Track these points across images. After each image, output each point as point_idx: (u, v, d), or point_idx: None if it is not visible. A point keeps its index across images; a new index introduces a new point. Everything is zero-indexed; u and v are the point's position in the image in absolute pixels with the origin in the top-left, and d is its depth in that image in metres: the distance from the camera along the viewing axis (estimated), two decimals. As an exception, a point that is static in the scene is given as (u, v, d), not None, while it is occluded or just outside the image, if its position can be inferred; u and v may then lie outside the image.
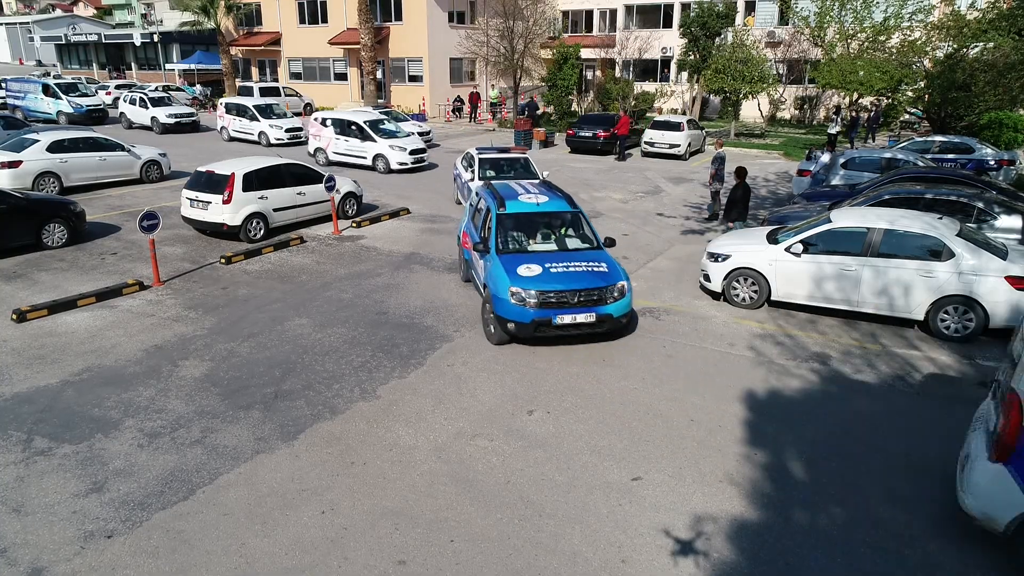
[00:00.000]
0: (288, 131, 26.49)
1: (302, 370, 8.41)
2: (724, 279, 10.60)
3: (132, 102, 30.62)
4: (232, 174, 13.14)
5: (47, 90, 30.87)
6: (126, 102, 30.96)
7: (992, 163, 18.26)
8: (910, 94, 27.06)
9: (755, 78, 28.92)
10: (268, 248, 13.23)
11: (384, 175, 21.13)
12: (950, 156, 18.56)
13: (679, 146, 25.37)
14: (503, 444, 6.91)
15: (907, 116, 31.83)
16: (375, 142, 21.59)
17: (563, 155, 26.31)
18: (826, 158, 18.07)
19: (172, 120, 29.59)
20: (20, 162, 16.06)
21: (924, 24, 26.83)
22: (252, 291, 11.13)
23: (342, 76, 40.41)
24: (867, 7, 28.15)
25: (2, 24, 73.10)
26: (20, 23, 72.02)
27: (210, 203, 13.10)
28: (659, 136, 25.61)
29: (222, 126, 27.64)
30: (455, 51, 37.48)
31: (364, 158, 21.80)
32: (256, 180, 13.49)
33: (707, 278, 10.84)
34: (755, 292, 10.44)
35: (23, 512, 5.81)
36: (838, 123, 26.78)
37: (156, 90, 33.23)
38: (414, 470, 6.48)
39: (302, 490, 6.16)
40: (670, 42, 39.36)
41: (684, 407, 7.64)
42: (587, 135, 25.95)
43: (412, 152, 21.67)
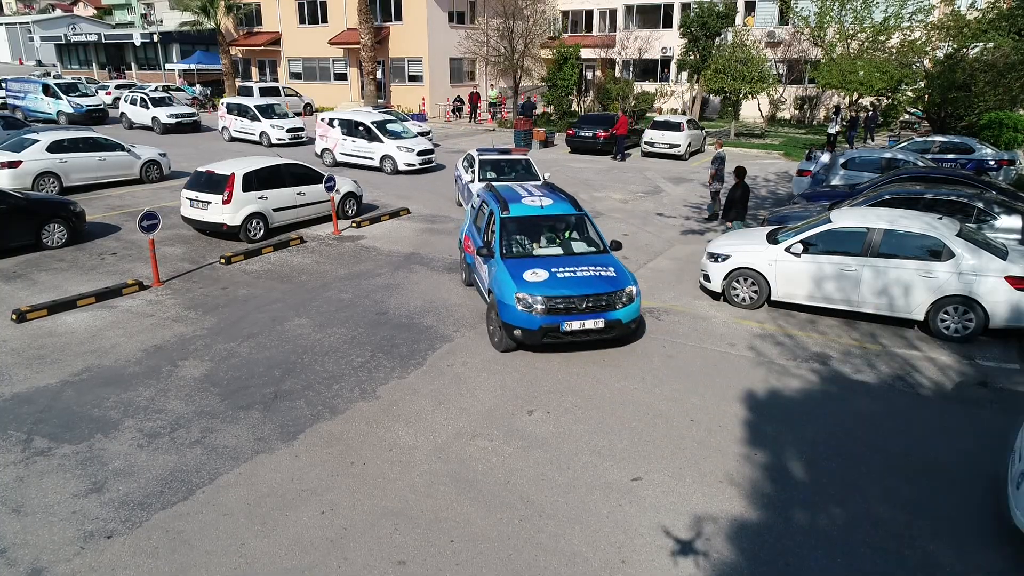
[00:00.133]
0: (289, 131, 26.43)
1: (302, 370, 8.41)
2: (724, 279, 10.60)
3: (133, 102, 30.51)
4: (232, 174, 13.14)
5: (47, 90, 30.79)
6: (127, 102, 30.84)
7: (992, 163, 18.26)
8: (910, 94, 27.09)
9: (755, 78, 28.92)
10: (268, 248, 13.24)
11: (387, 176, 21.02)
12: (950, 156, 18.56)
13: (679, 146, 25.37)
14: (503, 444, 6.90)
15: (907, 116, 31.83)
16: (382, 143, 21.31)
17: (563, 155, 26.31)
18: (826, 158, 18.09)
19: (173, 120, 29.50)
20: (20, 162, 16.06)
21: (924, 24, 26.85)
22: (252, 291, 11.13)
23: (342, 76, 40.41)
24: (867, 7, 28.17)
25: (2, 24, 73.09)
26: (20, 23, 72.02)
27: (210, 203, 13.10)
28: (659, 136, 25.61)
29: (223, 126, 27.59)
30: (455, 51, 37.49)
31: (371, 159, 21.54)
32: (256, 180, 13.49)
33: (707, 278, 10.84)
34: (755, 292, 10.44)
35: (23, 512, 5.81)
36: (837, 123, 26.78)
37: (156, 90, 33.13)
38: (414, 470, 6.48)
39: (302, 490, 6.16)
40: (670, 42, 39.38)
41: (684, 407, 7.65)
42: (587, 135, 25.96)
43: (420, 153, 21.38)
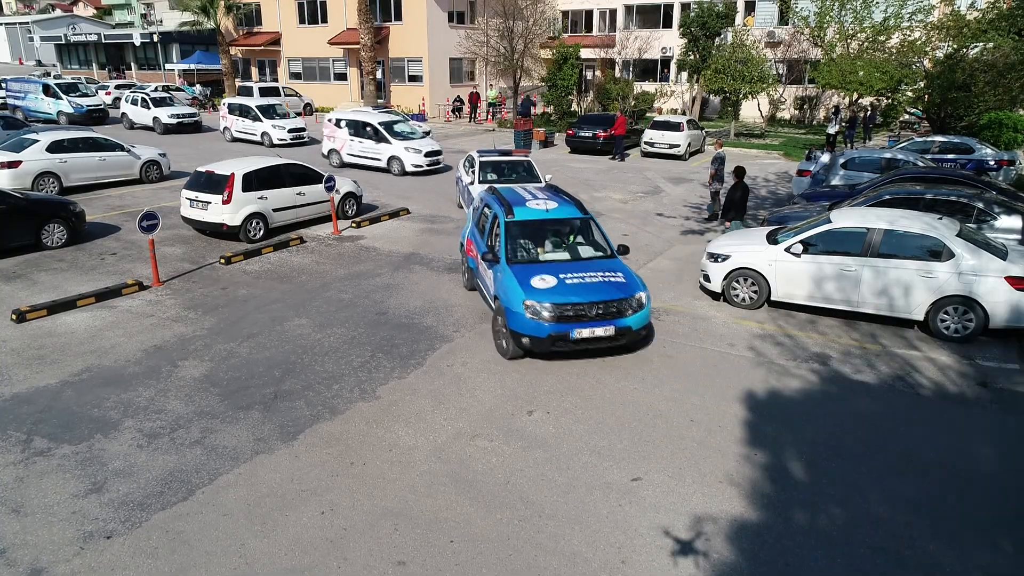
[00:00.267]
0: (291, 131, 26.36)
1: (302, 370, 8.41)
2: (724, 279, 10.60)
3: (134, 102, 30.39)
4: (232, 174, 13.14)
5: (47, 90, 30.75)
6: (128, 102, 30.72)
7: (992, 163, 18.26)
8: (910, 94, 27.07)
9: (755, 78, 28.93)
10: (268, 248, 13.23)
11: (387, 176, 20.94)
12: (950, 156, 18.56)
13: (679, 146, 25.37)
14: (503, 444, 6.90)
15: (907, 116, 31.83)
16: (390, 144, 21.06)
17: (563, 155, 26.31)
18: (826, 158, 18.09)
19: (174, 120, 29.42)
20: (20, 162, 16.06)
21: (924, 24, 26.84)
22: (252, 291, 11.13)
23: (342, 76, 40.41)
24: (867, 7, 28.16)
25: (2, 24, 73.13)
26: (20, 23, 72.07)
27: (210, 203, 13.10)
28: (659, 136, 25.61)
29: (225, 126, 27.53)
30: (455, 51, 37.49)
31: (378, 160, 21.34)
32: (256, 180, 13.49)
33: (707, 278, 10.84)
34: (755, 292, 10.44)
35: (22, 512, 5.81)
36: (836, 123, 26.79)
37: (157, 90, 33.06)
38: (414, 470, 6.47)
39: (301, 490, 6.16)
40: (670, 42, 39.39)
41: (684, 407, 7.64)
42: (587, 135, 25.96)
43: (428, 154, 21.10)
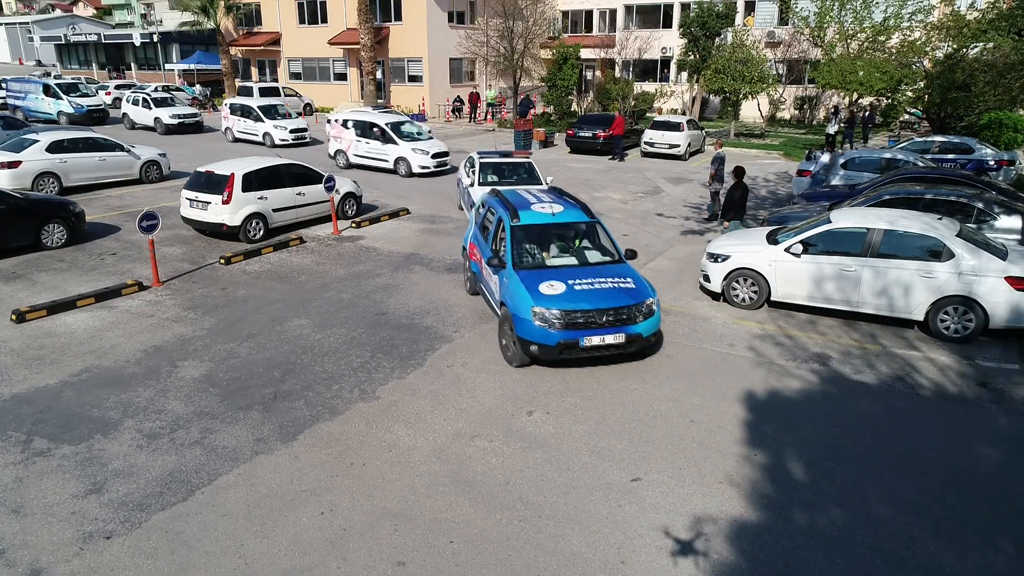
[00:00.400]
0: (292, 132, 26.27)
1: (301, 371, 8.41)
2: (724, 279, 10.60)
3: (135, 103, 30.27)
4: (232, 174, 13.14)
5: (48, 90, 30.69)
6: (129, 103, 30.58)
7: (992, 163, 18.26)
8: (910, 94, 27.06)
9: (755, 78, 28.93)
10: (268, 248, 13.23)
11: (388, 176, 20.90)
12: (950, 156, 18.55)
13: (679, 146, 25.38)
14: (502, 445, 6.90)
15: (907, 116, 31.83)
16: (397, 145, 20.86)
17: (563, 155, 26.31)
18: (826, 158, 18.09)
19: (175, 121, 29.32)
20: (20, 162, 16.05)
21: (924, 24, 26.82)
22: (251, 292, 11.13)
23: (342, 76, 40.41)
24: (867, 7, 28.15)
25: (2, 24, 73.17)
26: (20, 23, 72.11)
27: (210, 203, 13.09)
28: (659, 136, 25.62)
29: (226, 127, 27.46)
30: (455, 51, 37.49)
31: (385, 161, 21.15)
32: (256, 180, 13.48)
33: (707, 279, 10.84)
34: (755, 292, 10.44)
35: (22, 513, 5.81)
36: (836, 123, 26.80)
37: (157, 90, 32.99)
38: (413, 471, 6.47)
39: (301, 491, 6.16)
40: (670, 42, 39.38)
41: (684, 408, 7.64)
42: (587, 135, 25.96)
43: (435, 155, 20.90)
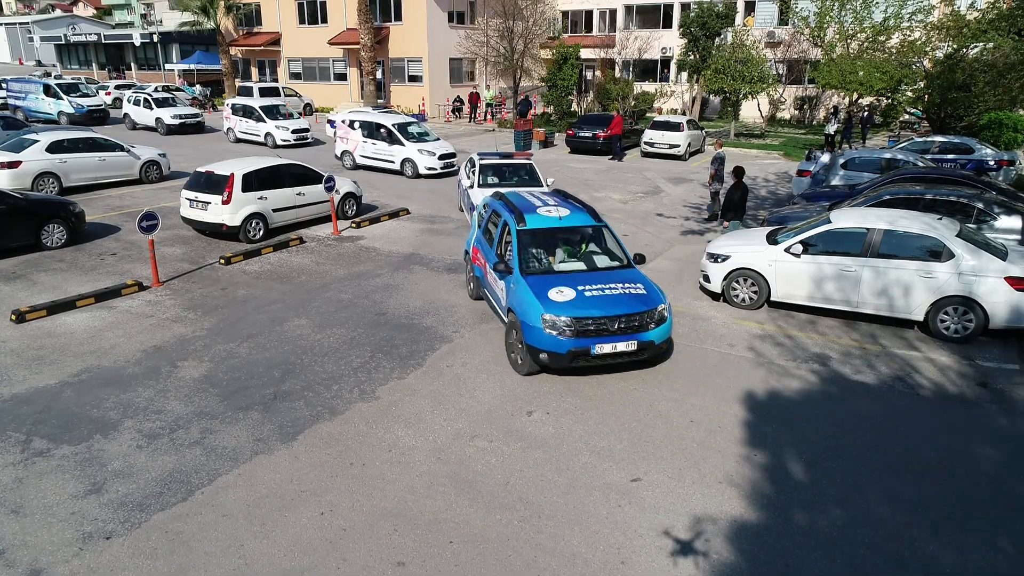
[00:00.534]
0: (294, 132, 26.19)
1: (301, 371, 8.41)
2: (724, 280, 10.60)
3: (136, 103, 30.15)
4: (231, 174, 13.14)
5: (48, 90, 30.65)
6: (130, 103, 30.45)
7: (992, 163, 18.26)
8: (910, 94, 27.07)
9: (755, 78, 28.93)
10: (267, 249, 13.23)
11: (389, 176, 20.86)
12: (950, 156, 18.56)
13: (679, 146, 25.38)
14: (502, 445, 6.90)
15: (907, 116, 31.83)
16: (403, 146, 20.74)
17: (563, 155, 26.31)
18: (826, 158, 18.09)
19: (177, 121, 29.24)
20: (19, 162, 16.05)
21: (924, 24, 26.83)
22: (251, 292, 11.13)
23: (342, 76, 40.41)
24: (867, 7, 28.15)
25: (2, 24, 73.20)
26: (20, 23, 72.13)
27: (209, 203, 13.09)
28: (659, 136, 25.62)
29: (228, 127, 27.38)
30: (455, 51, 37.50)
31: (392, 162, 21.04)
32: (256, 180, 13.48)
33: (707, 279, 10.84)
34: (755, 293, 10.44)
35: (22, 513, 5.81)
36: (835, 123, 26.81)
37: (158, 90, 32.92)
38: (413, 471, 6.47)
39: (301, 491, 6.16)
40: (670, 42, 39.38)
41: (684, 408, 7.64)
42: (587, 135, 25.96)
43: (441, 157, 20.74)
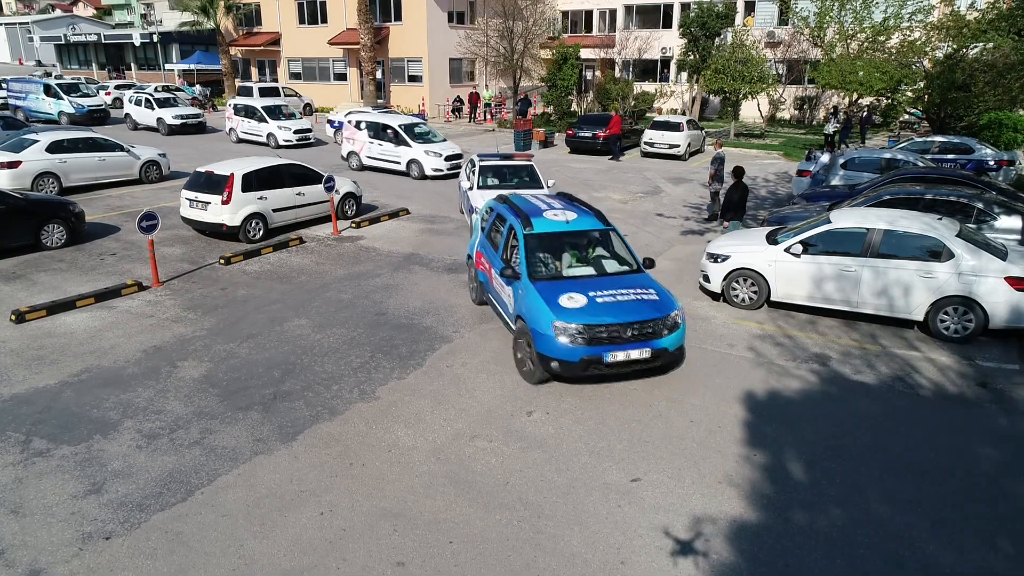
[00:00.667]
0: (296, 132, 26.13)
1: (301, 371, 8.40)
2: (723, 280, 10.60)
3: (137, 103, 30.05)
4: (231, 174, 13.13)
5: (48, 90, 30.61)
6: (131, 103, 30.36)
7: (992, 163, 18.26)
8: (910, 94, 27.07)
9: (755, 78, 28.94)
10: (267, 249, 13.23)
11: (390, 177, 20.82)
12: (950, 156, 18.56)
13: (679, 146, 25.38)
14: (502, 445, 6.90)
15: (907, 116, 31.84)
16: (410, 147, 20.64)
17: (563, 155, 26.31)
18: (826, 158, 18.09)
19: (178, 121, 29.17)
20: (19, 162, 16.05)
21: (924, 24, 26.84)
22: (251, 292, 11.13)
23: (342, 76, 40.41)
24: (867, 7, 28.16)
25: (2, 24, 73.19)
26: (20, 23, 72.13)
27: (209, 203, 13.09)
28: (659, 136, 25.62)
29: (231, 127, 27.33)
30: (455, 51, 37.50)
31: (398, 163, 20.93)
32: (255, 180, 13.48)
33: (706, 279, 10.84)
34: (755, 293, 10.44)
35: (21, 513, 5.81)
36: (834, 123, 26.82)
37: (158, 90, 32.82)
38: (413, 471, 6.47)
39: (301, 491, 6.15)
40: (670, 42, 39.38)
41: (683, 408, 7.64)
42: (587, 135, 25.96)
43: (448, 158, 20.60)
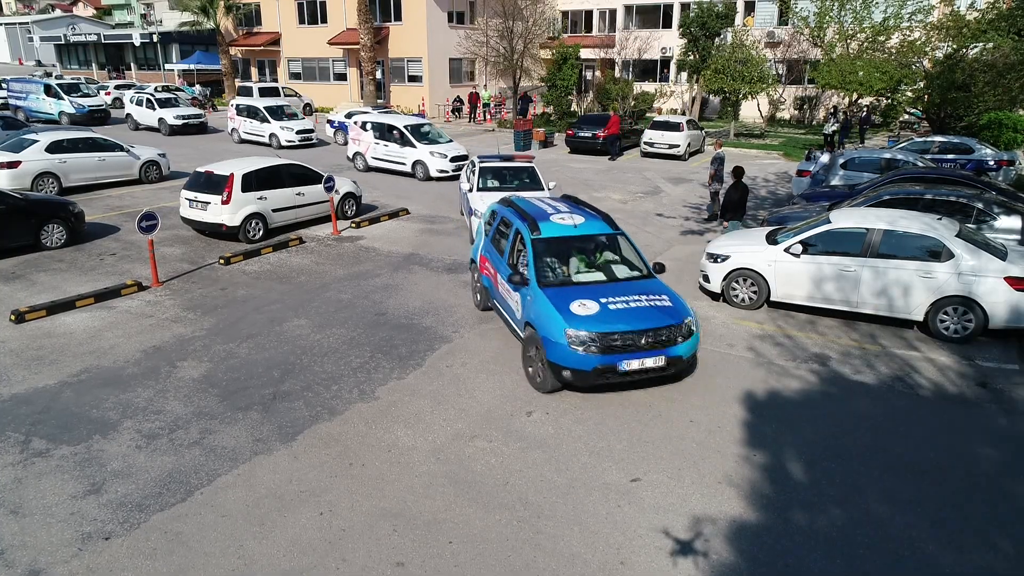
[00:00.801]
0: (299, 133, 26.09)
1: (301, 371, 8.40)
2: (723, 280, 10.59)
3: (139, 103, 29.95)
4: (231, 175, 13.13)
5: (49, 91, 30.56)
6: (132, 103, 30.26)
7: (991, 163, 18.26)
8: (910, 94, 27.08)
9: (755, 78, 28.94)
10: (267, 249, 13.23)
11: (391, 177, 20.80)
12: (950, 156, 18.56)
13: (678, 146, 25.38)
14: (502, 445, 6.90)
15: (907, 116, 31.84)
16: (415, 148, 20.51)
17: (563, 155, 26.31)
18: (825, 158, 18.09)
19: (180, 122, 29.08)
20: (19, 162, 16.05)
21: (924, 24, 26.84)
22: (251, 292, 11.12)
23: (341, 76, 40.40)
24: (867, 7, 28.16)
25: (2, 24, 73.19)
26: (20, 23, 72.12)
27: (209, 204, 13.09)
28: (658, 136, 25.62)
29: (233, 128, 27.26)
30: (455, 51, 37.50)
31: (403, 164, 20.80)
32: (255, 180, 13.48)
33: (706, 279, 10.84)
34: (754, 293, 10.44)
35: (21, 513, 5.80)
36: (834, 123, 26.82)
37: (159, 90, 32.70)
38: (413, 471, 6.47)
39: (300, 491, 6.15)
40: (670, 42, 39.38)
41: (683, 408, 7.64)
42: (586, 135, 25.95)
43: (453, 159, 20.35)
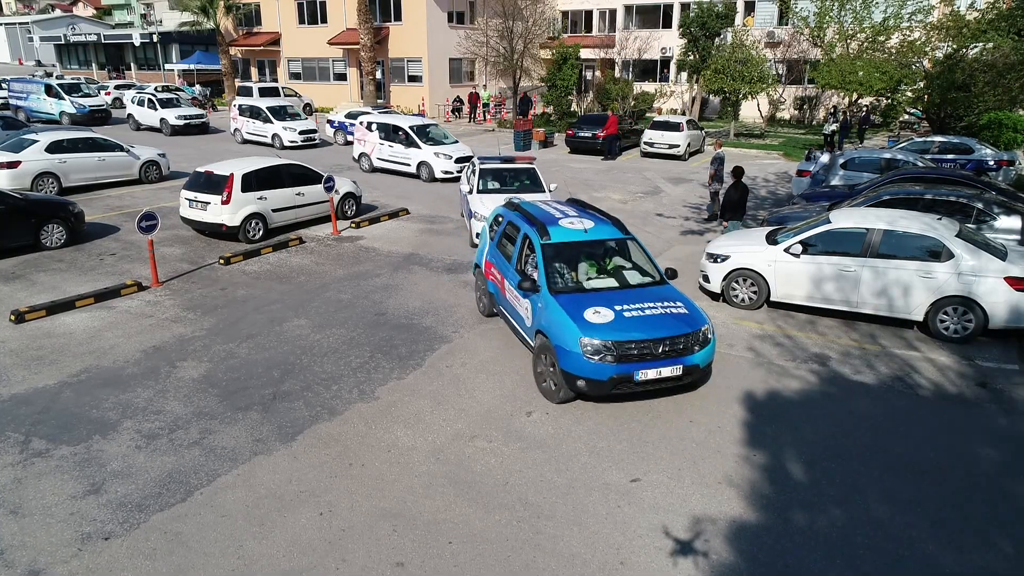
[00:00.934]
0: (302, 133, 26.03)
1: (300, 371, 8.40)
2: (723, 280, 10.60)
3: (140, 103, 29.88)
4: (231, 175, 13.13)
5: (50, 91, 30.53)
6: (134, 103, 30.19)
7: (991, 163, 18.26)
8: (909, 94, 27.09)
9: (755, 78, 28.95)
10: (267, 249, 13.22)
11: (391, 177, 20.79)
12: (949, 156, 18.56)
13: (678, 146, 25.38)
14: (502, 445, 6.90)
15: (907, 116, 31.85)
16: (420, 149, 20.47)
17: (563, 155, 26.31)
18: (825, 158, 18.10)
19: (182, 122, 29.01)
20: (19, 162, 16.04)
21: (923, 24, 26.86)
22: (251, 292, 11.12)
23: (341, 76, 40.40)
24: (867, 7, 28.19)
25: (2, 24, 73.21)
26: (20, 23, 72.14)
27: (209, 204, 13.09)
28: (658, 136, 25.62)
29: (235, 128, 27.22)
30: (455, 51, 37.49)
31: (408, 165, 20.77)
32: (255, 181, 13.47)
33: (706, 279, 10.84)
34: (754, 293, 10.44)
35: (20, 514, 5.80)
36: (833, 123, 26.83)
37: (159, 90, 32.57)
38: (412, 471, 6.47)
39: (300, 491, 6.15)
40: (670, 42, 39.38)
41: (683, 408, 7.64)
42: (586, 135, 25.96)
43: (458, 160, 20.15)
